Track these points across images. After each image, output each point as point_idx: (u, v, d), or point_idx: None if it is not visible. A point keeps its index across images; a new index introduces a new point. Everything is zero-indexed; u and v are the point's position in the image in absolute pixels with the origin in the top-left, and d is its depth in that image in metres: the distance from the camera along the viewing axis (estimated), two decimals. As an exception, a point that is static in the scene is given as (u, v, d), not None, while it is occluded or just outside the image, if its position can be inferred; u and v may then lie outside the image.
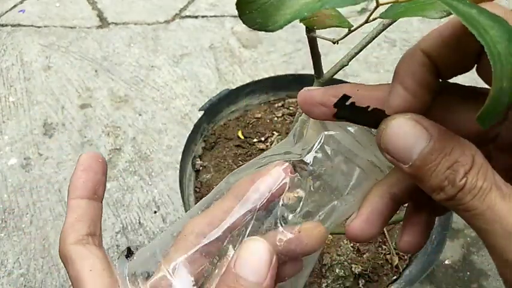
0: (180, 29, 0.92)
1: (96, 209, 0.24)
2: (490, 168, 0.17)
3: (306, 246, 0.21)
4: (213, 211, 0.23)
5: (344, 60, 0.31)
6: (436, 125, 0.17)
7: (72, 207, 0.23)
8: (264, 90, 0.61)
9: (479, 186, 0.16)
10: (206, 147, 0.56)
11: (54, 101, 0.76)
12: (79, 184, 0.24)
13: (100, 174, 0.24)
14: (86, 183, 0.24)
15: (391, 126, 0.17)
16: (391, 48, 0.85)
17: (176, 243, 0.23)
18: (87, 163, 0.24)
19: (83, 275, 0.21)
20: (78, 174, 0.24)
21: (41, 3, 0.99)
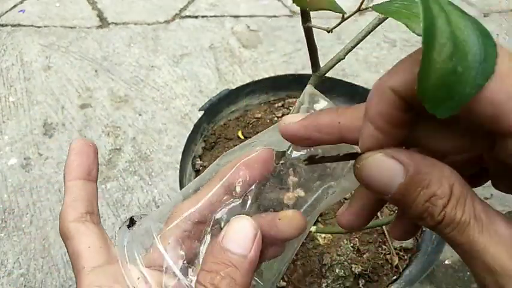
0: (180, 29, 0.92)
1: (91, 189, 0.25)
2: (469, 198, 0.16)
3: (283, 234, 0.22)
4: (199, 194, 0.24)
5: (340, 54, 0.31)
6: (412, 157, 0.17)
7: (69, 188, 0.24)
8: (264, 90, 0.61)
9: (458, 219, 0.16)
10: (206, 147, 0.56)
11: (54, 101, 0.76)
12: (73, 167, 0.25)
13: (92, 157, 0.26)
14: (80, 166, 0.25)
15: (366, 164, 0.17)
16: (391, 48, 0.85)
17: (167, 223, 0.24)
18: (79, 148, 0.26)
19: (82, 251, 0.22)
20: (72, 158, 0.25)
21: (41, 3, 0.99)
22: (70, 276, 0.55)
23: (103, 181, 0.64)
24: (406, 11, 0.19)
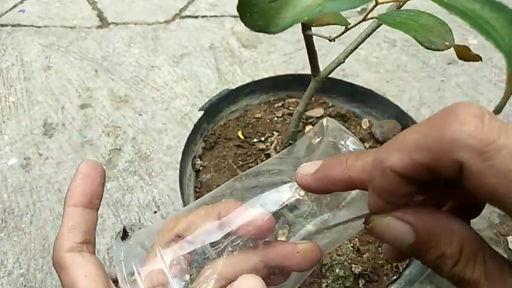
0: (180, 29, 0.92)
1: (91, 218, 0.24)
2: (481, 256, 0.16)
3: (299, 266, 0.22)
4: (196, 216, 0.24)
5: (340, 57, 0.31)
6: (420, 216, 0.17)
7: (69, 215, 0.24)
8: (264, 90, 0.61)
9: (468, 278, 0.16)
10: (206, 147, 0.56)
11: (54, 101, 0.76)
12: (77, 192, 0.24)
13: (98, 184, 0.25)
14: (84, 191, 0.24)
15: (376, 226, 0.18)
16: (391, 48, 0.85)
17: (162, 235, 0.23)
18: (86, 171, 0.25)
19: (78, 281, 0.21)
20: (77, 182, 0.24)
21: (41, 3, 0.99)
22: (70, 276, 0.55)
23: (103, 181, 0.64)
24: (413, 22, 0.18)
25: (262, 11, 0.18)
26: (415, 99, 0.76)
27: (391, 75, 0.79)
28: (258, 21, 0.18)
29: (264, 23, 0.18)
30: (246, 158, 0.53)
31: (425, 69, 0.81)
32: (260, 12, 0.18)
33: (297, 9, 0.17)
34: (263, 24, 0.18)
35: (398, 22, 0.18)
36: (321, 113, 0.58)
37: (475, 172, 0.14)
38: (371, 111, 0.59)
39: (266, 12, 0.18)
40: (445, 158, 0.14)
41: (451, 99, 0.76)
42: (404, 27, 0.18)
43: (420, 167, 0.15)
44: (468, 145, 0.14)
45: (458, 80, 0.79)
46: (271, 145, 0.53)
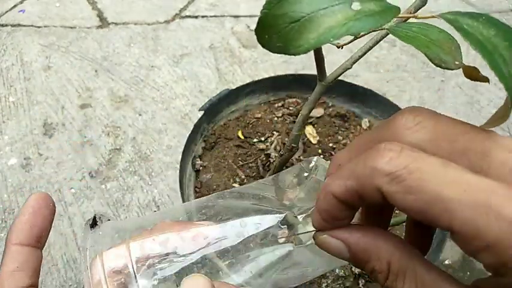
0: (180, 29, 0.92)
1: (38, 259, 0.23)
2: (411, 272, 0.17)
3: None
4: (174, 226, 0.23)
5: (347, 63, 0.31)
6: (352, 235, 0.19)
7: (13, 254, 0.22)
8: (264, 90, 0.61)
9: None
10: (206, 147, 0.56)
11: (54, 101, 0.76)
12: (25, 229, 0.22)
13: (48, 221, 0.23)
14: (32, 229, 0.22)
15: (318, 241, 0.20)
16: (391, 48, 0.85)
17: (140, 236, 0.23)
18: (38, 206, 0.23)
19: None
20: (26, 218, 0.22)
21: (41, 3, 0.99)
22: (70, 276, 0.55)
23: (103, 181, 0.64)
24: (425, 37, 0.18)
25: (282, 33, 0.17)
26: (415, 99, 0.76)
27: (391, 75, 0.79)
28: (277, 43, 0.18)
29: (283, 44, 0.18)
30: (246, 158, 0.53)
31: (425, 69, 0.81)
32: (279, 34, 0.17)
33: (320, 30, 0.17)
34: (282, 46, 0.18)
35: (410, 36, 0.18)
36: (321, 113, 0.58)
37: (392, 194, 0.16)
38: (371, 111, 0.59)
39: (286, 33, 0.17)
40: (368, 185, 0.17)
41: (451, 99, 0.76)
42: (416, 42, 0.18)
43: (353, 193, 0.17)
44: (384, 171, 0.16)
45: (458, 80, 0.79)
46: (271, 145, 0.53)
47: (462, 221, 0.14)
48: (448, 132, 0.17)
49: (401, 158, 0.16)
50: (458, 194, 0.14)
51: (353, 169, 0.17)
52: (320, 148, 0.54)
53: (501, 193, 0.14)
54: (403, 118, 0.17)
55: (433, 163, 0.15)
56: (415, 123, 0.17)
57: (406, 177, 0.15)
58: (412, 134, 0.17)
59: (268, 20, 0.17)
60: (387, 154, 0.16)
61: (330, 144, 0.55)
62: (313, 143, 0.55)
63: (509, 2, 0.98)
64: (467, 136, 0.16)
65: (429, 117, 0.17)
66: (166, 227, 0.23)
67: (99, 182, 0.64)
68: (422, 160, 0.15)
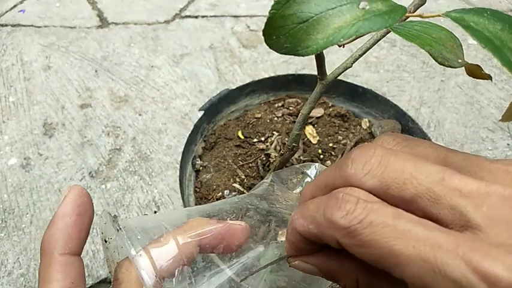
0: (180, 29, 0.92)
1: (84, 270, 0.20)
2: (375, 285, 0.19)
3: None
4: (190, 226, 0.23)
5: (348, 62, 0.31)
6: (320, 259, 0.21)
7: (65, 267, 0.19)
8: (264, 90, 0.61)
9: None
10: (206, 147, 0.56)
11: (54, 101, 0.76)
12: (74, 234, 0.19)
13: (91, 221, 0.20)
14: (82, 233, 0.20)
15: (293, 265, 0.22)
16: (391, 48, 0.85)
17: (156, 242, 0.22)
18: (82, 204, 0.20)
19: None
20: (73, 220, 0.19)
21: (41, 3, 0.99)
22: (70, 276, 0.54)
23: (103, 181, 0.64)
24: (427, 36, 0.18)
25: (290, 34, 0.17)
26: (415, 99, 0.76)
27: (391, 75, 0.79)
28: (285, 44, 0.18)
29: (291, 45, 0.17)
30: (246, 158, 0.53)
31: (425, 69, 0.81)
32: (287, 35, 0.17)
33: (328, 31, 0.17)
34: (290, 47, 0.18)
35: (413, 35, 0.18)
36: (321, 113, 0.58)
37: (348, 246, 0.17)
38: (371, 111, 0.59)
39: (294, 34, 0.17)
40: (326, 234, 0.18)
41: (451, 99, 0.76)
42: (419, 40, 0.18)
43: (314, 236, 0.19)
44: (340, 226, 0.17)
45: (458, 80, 0.79)
46: (271, 145, 0.53)
47: (411, 276, 0.15)
48: (397, 178, 0.17)
49: (355, 212, 0.16)
50: (407, 250, 0.15)
51: (313, 215, 0.18)
52: (320, 148, 0.54)
53: (447, 248, 0.14)
54: (353, 167, 0.18)
55: (385, 215, 0.16)
56: (364, 173, 0.17)
57: (360, 232, 0.16)
58: (364, 184, 0.17)
59: (277, 21, 0.17)
60: (344, 207, 0.17)
61: (330, 144, 0.55)
62: (313, 143, 0.55)
63: (509, 2, 0.98)
64: (415, 182, 0.16)
65: (378, 164, 0.17)
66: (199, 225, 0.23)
67: (99, 182, 0.64)
68: (374, 213, 0.16)
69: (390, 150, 0.18)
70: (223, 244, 0.23)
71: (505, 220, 0.14)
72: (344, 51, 0.81)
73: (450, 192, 0.16)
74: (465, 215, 0.15)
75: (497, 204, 0.15)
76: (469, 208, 0.15)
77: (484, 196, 0.15)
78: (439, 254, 0.14)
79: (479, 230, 0.15)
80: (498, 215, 0.15)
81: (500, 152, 0.67)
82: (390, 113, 0.57)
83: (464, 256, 0.14)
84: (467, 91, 0.77)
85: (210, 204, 0.27)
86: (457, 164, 0.18)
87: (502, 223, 0.14)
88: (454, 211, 0.15)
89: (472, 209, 0.15)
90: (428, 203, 0.16)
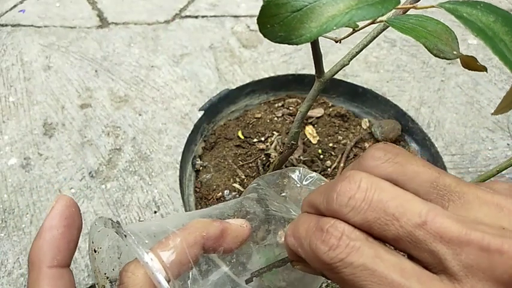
0: (180, 29, 0.92)
1: (74, 282, 0.20)
2: None
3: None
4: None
5: (345, 59, 0.31)
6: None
7: (54, 280, 0.18)
8: (264, 90, 0.61)
9: None
10: (206, 147, 0.56)
11: (54, 101, 0.76)
12: (63, 246, 0.19)
13: (80, 232, 0.20)
14: (70, 245, 0.19)
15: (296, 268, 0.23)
16: (391, 48, 0.85)
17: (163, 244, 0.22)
18: (70, 215, 0.19)
19: None
20: (61, 232, 0.19)
21: (41, 3, 0.99)
22: (70, 276, 0.54)
23: (103, 181, 0.64)
24: (422, 28, 0.18)
25: (284, 22, 0.17)
26: (415, 99, 0.76)
27: (391, 75, 0.79)
28: (279, 33, 0.18)
29: (285, 34, 0.18)
30: (246, 158, 0.53)
31: (425, 69, 0.81)
32: (281, 23, 0.17)
33: (322, 19, 0.17)
34: (284, 35, 0.18)
35: (408, 28, 0.18)
36: (321, 113, 0.58)
37: (331, 278, 0.18)
38: (371, 111, 0.59)
39: (288, 23, 0.17)
40: (311, 263, 0.19)
41: (451, 99, 0.76)
42: (414, 33, 0.18)
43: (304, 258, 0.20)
44: (323, 261, 0.17)
45: (458, 80, 0.79)
46: (271, 145, 0.53)
47: None
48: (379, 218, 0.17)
49: (338, 249, 0.17)
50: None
51: (301, 241, 0.19)
52: (320, 148, 0.54)
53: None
54: (337, 203, 0.18)
55: (365, 257, 0.16)
56: (348, 210, 0.18)
57: (340, 270, 0.17)
58: (349, 220, 0.18)
59: (271, 9, 0.17)
60: (327, 241, 0.17)
61: (330, 144, 0.55)
62: (313, 142, 0.55)
63: (508, 2, 0.98)
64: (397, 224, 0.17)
65: (361, 201, 0.17)
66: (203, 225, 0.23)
67: (99, 182, 0.64)
68: (355, 254, 0.17)
69: (375, 182, 0.17)
70: (225, 244, 0.23)
71: (481, 270, 0.15)
72: (343, 50, 0.81)
73: (431, 237, 0.16)
74: (443, 262, 0.15)
75: (475, 253, 0.15)
76: (447, 256, 0.15)
77: (463, 244, 0.15)
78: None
79: (456, 279, 0.15)
80: (475, 265, 0.15)
81: (500, 152, 0.67)
82: (390, 113, 0.57)
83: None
84: (467, 91, 0.77)
85: (210, 208, 0.27)
86: (448, 187, 0.18)
87: (478, 273, 0.15)
88: (434, 256, 0.16)
89: (451, 256, 0.15)
90: (409, 245, 0.16)
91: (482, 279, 0.15)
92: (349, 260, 0.16)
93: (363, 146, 0.55)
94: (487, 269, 0.15)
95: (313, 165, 0.52)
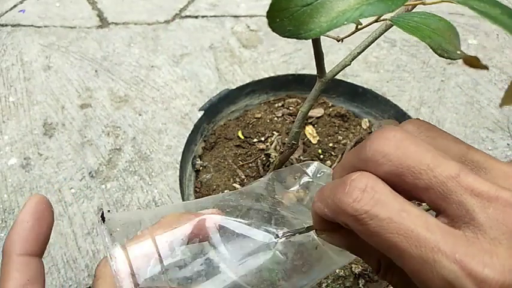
0: (180, 29, 0.92)
1: (43, 269, 0.21)
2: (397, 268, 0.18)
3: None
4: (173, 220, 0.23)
5: (346, 60, 0.31)
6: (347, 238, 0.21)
7: (20, 266, 0.20)
8: (264, 90, 0.61)
9: (389, 282, 0.20)
10: (206, 147, 0.56)
11: (54, 101, 0.76)
12: (31, 237, 0.20)
13: (51, 227, 0.22)
14: (39, 237, 0.21)
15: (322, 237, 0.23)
16: (391, 48, 0.85)
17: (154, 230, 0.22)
18: (41, 211, 0.21)
19: None
20: (30, 225, 0.21)
21: (41, 3, 0.99)
22: (70, 276, 0.55)
23: (103, 181, 0.64)
24: (426, 27, 0.18)
25: (293, 17, 0.17)
26: (415, 99, 0.76)
27: (391, 75, 0.79)
28: (288, 27, 0.17)
29: (294, 28, 0.17)
30: (246, 158, 0.53)
31: (425, 69, 0.81)
32: (291, 17, 0.17)
33: (332, 14, 0.17)
34: (293, 29, 0.17)
35: (412, 27, 0.18)
36: (321, 113, 0.58)
37: (357, 231, 0.18)
38: (371, 111, 0.59)
39: (298, 17, 0.17)
40: (337, 218, 0.19)
41: (451, 99, 0.76)
42: (419, 33, 0.18)
43: (329, 217, 0.20)
44: (348, 213, 0.17)
45: (458, 80, 0.79)
46: (271, 145, 0.53)
47: (412, 271, 0.16)
48: (413, 167, 0.17)
49: (362, 201, 0.17)
50: (410, 248, 0.16)
51: (326, 200, 0.19)
52: (320, 148, 0.54)
53: (445, 252, 0.15)
54: (371, 150, 0.18)
55: (391, 210, 0.17)
56: (381, 156, 0.17)
57: (366, 222, 0.17)
58: (380, 167, 0.18)
59: (280, 3, 0.17)
60: (351, 193, 0.17)
61: (330, 144, 0.55)
62: (313, 143, 0.55)
63: (508, 2, 0.98)
64: (431, 174, 0.17)
65: (396, 149, 0.17)
66: (174, 220, 0.23)
67: (99, 182, 0.64)
68: (381, 207, 0.17)
69: (411, 136, 0.18)
70: (201, 236, 0.23)
71: (505, 225, 0.15)
72: (344, 50, 0.81)
73: (462, 189, 0.16)
74: (471, 213, 0.16)
75: (502, 208, 0.16)
76: (475, 207, 0.16)
77: (492, 199, 0.16)
78: (437, 257, 0.15)
79: (480, 230, 0.16)
80: (500, 219, 0.16)
81: (500, 152, 0.67)
82: (390, 113, 0.57)
83: (460, 261, 0.15)
84: (467, 91, 0.77)
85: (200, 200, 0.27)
86: (476, 162, 0.18)
87: (502, 227, 0.16)
88: (462, 208, 0.16)
89: (479, 208, 0.16)
90: (439, 196, 0.17)
91: (505, 232, 0.15)
92: (374, 212, 0.17)
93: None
94: (510, 224, 0.15)
95: (313, 165, 0.52)
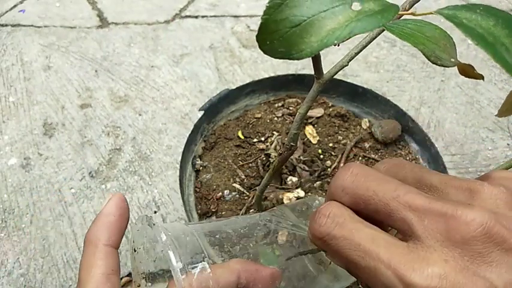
0: (180, 29, 0.92)
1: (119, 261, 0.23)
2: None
3: None
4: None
5: (344, 60, 0.31)
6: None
7: (106, 256, 0.22)
8: (264, 90, 0.61)
9: None
10: (206, 147, 0.56)
11: (54, 101, 0.76)
12: (115, 230, 0.23)
13: (127, 223, 0.24)
14: (121, 232, 0.23)
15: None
16: (391, 48, 0.85)
17: None
18: (123, 208, 0.24)
19: None
20: (116, 219, 0.23)
21: (41, 3, 0.99)
22: (70, 276, 0.55)
23: (103, 181, 0.64)
24: (421, 34, 0.18)
25: (284, 38, 0.17)
26: (415, 99, 0.76)
27: (391, 75, 0.79)
28: (279, 49, 0.18)
29: (285, 50, 0.18)
30: (246, 158, 0.53)
31: (425, 69, 0.81)
32: (281, 39, 0.17)
33: (322, 33, 0.17)
34: (284, 51, 0.18)
35: (406, 33, 0.18)
36: (321, 113, 0.58)
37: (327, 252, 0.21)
38: (371, 111, 0.59)
39: (288, 38, 0.17)
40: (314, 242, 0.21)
41: (451, 99, 0.76)
42: (412, 39, 0.18)
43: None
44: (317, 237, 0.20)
45: (458, 80, 0.79)
46: (271, 145, 0.53)
47: (364, 280, 0.19)
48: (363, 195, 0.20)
49: (325, 226, 0.20)
50: (359, 260, 0.18)
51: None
52: (320, 148, 0.54)
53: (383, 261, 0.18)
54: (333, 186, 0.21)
55: (346, 230, 0.19)
56: (341, 190, 0.21)
57: (328, 243, 0.20)
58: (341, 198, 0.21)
59: (269, 26, 0.17)
60: (318, 220, 0.20)
61: (330, 144, 0.55)
62: (313, 143, 0.55)
63: (508, 2, 0.98)
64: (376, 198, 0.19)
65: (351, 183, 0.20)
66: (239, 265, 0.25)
67: (99, 182, 0.64)
68: (339, 228, 0.20)
69: (367, 170, 0.21)
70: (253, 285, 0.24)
71: (439, 233, 0.17)
72: (343, 50, 0.81)
73: (402, 206, 0.18)
74: (411, 227, 0.18)
75: (435, 218, 0.17)
76: (413, 221, 0.18)
77: (426, 211, 0.18)
78: (377, 265, 0.18)
79: (419, 240, 0.18)
80: (434, 228, 0.17)
81: (500, 152, 0.68)
82: (390, 113, 0.57)
83: (394, 268, 0.17)
84: (467, 91, 0.77)
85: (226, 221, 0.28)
86: (429, 185, 0.20)
87: (436, 235, 0.17)
88: (404, 223, 0.18)
89: (416, 221, 0.18)
90: (386, 216, 0.19)
91: (439, 240, 0.17)
92: (333, 233, 0.20)
93: (363, 146, 0.55)
94: (443, 232, 0.17)
95: (313, 165, 0.52)
